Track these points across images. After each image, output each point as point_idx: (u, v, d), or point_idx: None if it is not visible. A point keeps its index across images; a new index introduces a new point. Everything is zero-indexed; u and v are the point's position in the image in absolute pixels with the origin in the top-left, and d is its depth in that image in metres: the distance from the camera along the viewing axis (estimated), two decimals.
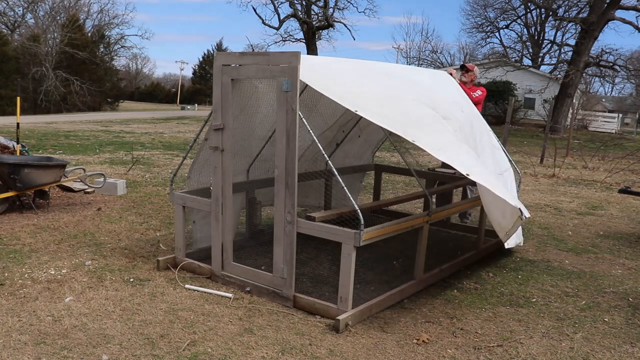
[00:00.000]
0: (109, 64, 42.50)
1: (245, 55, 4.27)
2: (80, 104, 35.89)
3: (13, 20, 39.84)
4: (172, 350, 3.47)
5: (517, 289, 4.90)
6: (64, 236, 5.87)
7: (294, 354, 3.51)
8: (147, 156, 12.51)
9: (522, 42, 45.31)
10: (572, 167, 14.13)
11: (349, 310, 3.96)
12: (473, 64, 7.45)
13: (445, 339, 3.82)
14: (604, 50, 28.28)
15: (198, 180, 5.15)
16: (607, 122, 35.17)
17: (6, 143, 8.54)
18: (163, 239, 5.93)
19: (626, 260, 5.98)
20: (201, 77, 59.34)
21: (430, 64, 43.46)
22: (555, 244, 6.51)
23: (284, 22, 35.44)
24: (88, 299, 4.22)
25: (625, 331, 4.09)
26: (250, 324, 3.91)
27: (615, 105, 53.90)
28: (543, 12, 40.47)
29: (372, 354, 3.57)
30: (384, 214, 6.60)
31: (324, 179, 6.12)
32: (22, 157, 7.04)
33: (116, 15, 51.43)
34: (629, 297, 4.81)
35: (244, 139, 5.09)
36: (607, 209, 8.81)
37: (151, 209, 7.30)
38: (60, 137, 15.91)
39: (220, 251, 4.63)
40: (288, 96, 3.96)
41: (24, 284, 4.47)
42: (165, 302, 4.22)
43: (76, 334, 3.64)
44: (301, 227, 4.11)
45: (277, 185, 4.12)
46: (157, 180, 9.50)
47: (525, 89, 34.72)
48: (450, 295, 4.69)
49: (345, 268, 3.92)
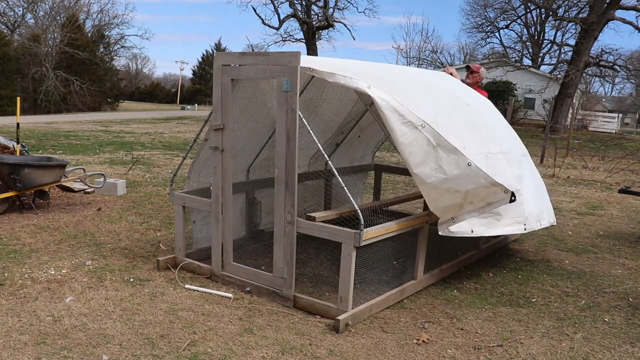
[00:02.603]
0: (109, 64, 42.50)
1: (245, 55, 4.27)
2: (80, 104, 35.88)
3: (13, 20, 39.84)
4: (172, 350, 3.47)
5: (517, 289, 4.90)
6: (64, 236, 5.87)
7: (294, 354, 3.51)
8: (147, 156, 12.51)
9: (522, 42, 45.34)
10: (572, 167, 14.13)
11: (349, 310, 3.96)
12: (478, 64, 7.31)
13: (445, 339, 3.82)
14: (604, 50, 28.27)
15: (198, 180, 5.15)
16: (607, 122, 35.19)
17: (6, 143, 8.54)
18: (163, 239, 5.93)
19: (626, 260, 5.98)
20: (201, 77, 59.35)
21: (430, 64, 43.46)
22: (555, 244, 6.51)
23: (284, 22, 35.44)
24: (88, 299, 4.22)
25: (625, 331, 4.09)
26: (250, 324, 3.91)
27: (615, 105, 53.91)
28: (543, 12, 40.48)
29: (372, 354, 3.57)
30: (384, 214, 6.59)
31: (324, 179, 6.12)
32: (22, 157, 7.04)
33: (116, 15, 51.46)
34: (629, 297, 4.81)
35: (244, 139, 5.09)
36: (607, 209, 8.81)
37: (151, 209, 7.30)
38: (60, 137, 15.91)
39: (220, 251, 4.63)
40: (288, 96, 3.96)
41: (24, 284, 4.47)
42: (165, 302, 4.22)
43: (76, 334, 3.64)
44: (301, 227, 4.11)
45: (277, 185, 4.12)
46: (157, 180, 9.50)
47: (525, 89, 34.74)
48: (450, 295, 4.69)
49: (345, 268, 3.92)
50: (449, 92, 5.30)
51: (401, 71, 5.55)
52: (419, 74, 5.51)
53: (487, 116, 5.43)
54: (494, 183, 4.15)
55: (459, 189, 4.16)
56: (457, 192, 4.16)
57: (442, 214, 4.38)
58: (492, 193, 4.22)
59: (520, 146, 5.68)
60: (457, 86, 5.74)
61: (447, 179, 4.12)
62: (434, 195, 4.23)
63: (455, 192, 4.17)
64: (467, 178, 4.12)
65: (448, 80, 5.77)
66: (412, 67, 6.24)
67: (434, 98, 4.85)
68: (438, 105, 4.65)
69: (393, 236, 4.28)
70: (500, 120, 5.68)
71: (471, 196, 4.23)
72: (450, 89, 5.45)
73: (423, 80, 5.31)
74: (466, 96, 5.48)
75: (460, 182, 4.14)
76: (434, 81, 5.45)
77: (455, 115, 4.76)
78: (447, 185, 4.14)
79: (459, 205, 4.30)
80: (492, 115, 5.65)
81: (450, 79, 6.03)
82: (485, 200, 4.27)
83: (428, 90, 4.99)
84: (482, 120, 5.13)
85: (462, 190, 4.17)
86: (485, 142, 4.73)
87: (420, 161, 4.11)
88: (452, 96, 5.22)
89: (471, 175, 4.10)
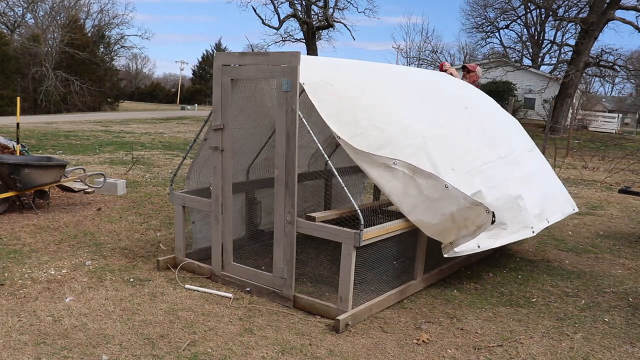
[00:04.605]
0: (109, 64, 42.48)
1: (245, 55, 4.27)
2: (80, 104, 35.88)
3: (13, 20, 39.82)
4: (172, 350, 3.47)
5: (517, 289, 4.90)
6: (64, 236, 5.87)
7: (294, 354, 3.51)
8: (147, 156, 12.51)
9: (522, 42, 45.31)
10: (572, 167, 14.13)
11: (349, 310, 3.96)
12: (475, 64, 7.34)
13: (445, 339, 3.82)
14: (604, 50, 28.26)
15: (198, 180, 5.15)
16: (607, 122, 35.19)
17: (6, 143, 8.54)
18: (163, 239, 5.93)
19: (626, 260, 5.98)
20: (201, 77, 59.31)
21: (430, 64, 43.44)
22: (555, 244, 6.51)
23: (284, 22, 35.39)
24: (88, 299, 4.22)
25: (625, 331, 4.09)
26: (250, 324, 3.90)
27: (615, 105, 53.88)
28: (543, 12, 40.45)
29: (372, 354, 3.56)
30: (383, 214, 6.59)
31: (324, 179, 6.12)
32: (22, 157, 7.04)
33: (116, 15, 51.36)
34: (629, 297, 4.81)
35: (243, 138, 5.09)
36: (607, 209, 8.81)
37: (151, 209, 7.30)
38: (60, 137, 15.91)
39: (220, 251, 4.63)
40: (288, 96, 3.96)
41: (24, 284, 4.47)
42: (165, 302, 4.22)
43: (76, 334, 3.64)
44: (301, 227, 4.11)
45: (277, 185, 4.12)
46: (157, 180, 9.50)
47: (525, 89, 34.73)
48: (450, 295, 4.69)
49: (345, 268, 3.92)
50: (449, 98, 5.26)
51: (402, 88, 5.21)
52: (419, 82, 5.37)
53: (487, 118, 5.41)
54: (474, 202, 4.10)
55: (444, 212, 4.13)
56: (444, 215, 4.14)
57: (441, 238, 4.37)
58: (477, 215, 4.17)
59: (526, 141, 5.66)
60: (457, 87, 5.71)
61: (431, 203, 4.11)
62: (426, 220, 4.21)
63: (442, 215, 4.15)
64: (448, 200, 4.10)
65: (448, 82, 5.75)
66: (414, 69, 6.20)
67: (433, 110, 4.80)
68: (434, 122, 4.61)
69: (393, 236, 4.28)
70: (501, 119, 5.66)
71: (460, 219, 4.19)
72: (450, 92, 5.42)
73: (422, 89, 5.20)
74: (466, 98, 5.46)
75: (444, 204, 4.11)
76: (433, 88, 5.35)
77: (451, 128, 4.73)
78: (433, 209, 4.12)
79: (454, 230, 4.28)
80: (493, 114, 5.63)
81: (449, 78, 6.03)
82: (475, 223, 4.25)
83: (425, 102, 4.91)
84: (480, 125, 5.10)
85: (447, 213, 4.13)
86: (481, 152, 4.70)
87: (402, 193, 4.11)
88: (452, 101, 5.18)
89: (450, 196, 4.08)
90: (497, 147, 5.01)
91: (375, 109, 4.38)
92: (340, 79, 4.46)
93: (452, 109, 5.06)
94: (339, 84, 4.37)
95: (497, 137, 5.22)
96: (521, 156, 5.26)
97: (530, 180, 5.09)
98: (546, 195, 5.27)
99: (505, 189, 4.61)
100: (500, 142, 5.14)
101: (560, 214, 5.45)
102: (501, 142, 5.17)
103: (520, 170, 5.05)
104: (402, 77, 5.24)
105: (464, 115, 5.08)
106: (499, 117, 5.70)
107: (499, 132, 5.37)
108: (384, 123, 4.28)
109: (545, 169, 5.65)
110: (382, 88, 4.75)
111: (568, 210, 5.65)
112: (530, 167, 5.29)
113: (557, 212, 5.40)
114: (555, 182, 5.73)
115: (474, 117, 5.19)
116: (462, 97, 5.45)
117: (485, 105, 5.73)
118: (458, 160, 4.40)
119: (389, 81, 4.93)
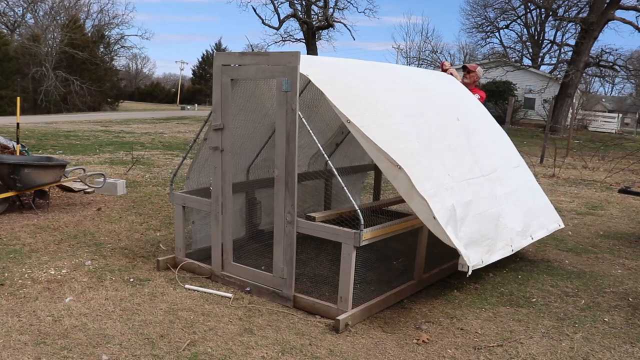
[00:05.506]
0: (109, 64, 42.50)
1: (245, 55, 4.27)
2: (80, 104, 35.91)
3: (13, 20, 39.86)
4: (172, 350, 3.47)
5: (517, 289, 4.90)
6: (64, 236, 5.87)
7: (294, 354, 3.51)
8: (147, 156, 12.51)
9: (522, 42, 45.33)
10: (572, 167, 14.13)
11: (349, 310, 3.96)
12: (475, 64, 7.27)
13: (445, 339, 3.82)
14: (604, 50, 28.32)
15: (198, 180, 5.15)
16: (607, 122, 35.22)
17: (6, 143, 8.54)
18: (163, 239, 5.93)
19: (626, 260, 5.98)
20: (201, 77, 59.32)
21: (430, 64, 43.43)
22: (555, 244, 6.51)
23: (284, 22, 35.45)
24: (88, 299, 4.22)
25: (625, 331, 4.09)
26: (250, 324, 3.91)
27: (615, 105, 53.89)
28: (543, 12, 40.47)
29: (372, 354, 3.57)
30: (384, 214, 6.59)
31: (324, 179, 6.12)
32: (22, 157, 7.04)
33: (116, 15, 51.56)
34: (629, 297, 4.81)
35: (243, 138, 5.09)
36: (607, 209, 8.81)
37: (151, 209, 7.30)
38: (60, 137, 15.91)
39: (220, 251, 4.63)
40: (288, 96, 3.96)
41: (24, 284, 4.47)
42: (165, 302, 4.22)
43: (76, 334, 3.64)
44: (301, 227, 4.11)
45: (277, 185, 4.12)
46: (157, 180, 9.50)
47: (525, 89, 34.74)
48: (450, 295, 4.69)
49: (345, 268, 3.92)
50: (442, 105, 5.16)
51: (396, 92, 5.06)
52: (414, 88, 5.25)
53: (477, 133, 5.30)
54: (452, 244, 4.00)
55: (438, 234, 4.07)
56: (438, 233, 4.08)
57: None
58: None
59: (513, 157, 5.65)
60: (451, 94, 5.61)
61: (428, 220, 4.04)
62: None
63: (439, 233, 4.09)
64: (435, 229, 4.01)
65: (443, 87, 5.67)
66: (414, 70, 6.17)
67: (424, 122, 4.72)
68: (420, 137, 4.51)
69: (393, 236, 4.28)
70: (490, 134, 5.58)
71: None
72: (444, 99, 5.33)
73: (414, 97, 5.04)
74: (459, 107, 5.40)
75: (434, 228, 4.03)
76: (427, 96, 5.22)
77: (438, 147, 4.61)
78: (431, 225, 4.04)
79: None
80: (482, 127, 5.54)
81: (449, 80, 6.01)
82: None
83: (416, 114, 4.77)
84: (467, 142, 4.99)
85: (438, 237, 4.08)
86: (466, 171, 4.63)
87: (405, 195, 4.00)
88: (444, 111, 5.09)
89: (437, 228, 3.98)
90: (483, 164, 4.96)
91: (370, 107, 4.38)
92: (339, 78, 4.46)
93: (444, 125, 4.91)
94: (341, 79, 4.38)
95: (487, 152, 5.17)
96: (506, 174, 5.23)
97: (514, 196, 5.10)
98: (531, 212, 5.29)
99: (485, 206, 4.56)
100: (487, 158, 5.08)
101: (545, 230, 5.50)
102: (487, 158, 5.11)
103: (504, 188, 5.02)
104: (400, 81, 5.18)
105: (457, 130, 4.98)
106: (489, 131, 5.62)
107: (489, 147, 5.34)
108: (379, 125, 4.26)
109: (531, 185, 5.66)
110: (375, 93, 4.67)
111: (553, 226, 5.70)
112: (514, 183, 5.27)
113: (542, 228, 5.45)
114: (541, 198, 5.73)
115: (464, 132, 5.09)
116: (456, 106, 5.39)
117: (477, 115, 5.65)
118: (440, 190, 4.23)
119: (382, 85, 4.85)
